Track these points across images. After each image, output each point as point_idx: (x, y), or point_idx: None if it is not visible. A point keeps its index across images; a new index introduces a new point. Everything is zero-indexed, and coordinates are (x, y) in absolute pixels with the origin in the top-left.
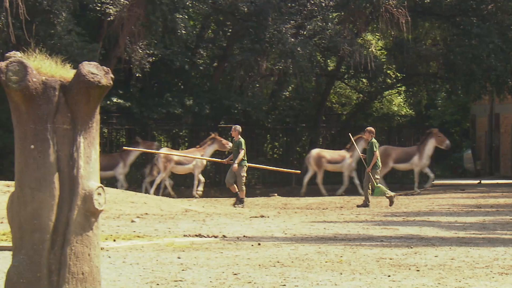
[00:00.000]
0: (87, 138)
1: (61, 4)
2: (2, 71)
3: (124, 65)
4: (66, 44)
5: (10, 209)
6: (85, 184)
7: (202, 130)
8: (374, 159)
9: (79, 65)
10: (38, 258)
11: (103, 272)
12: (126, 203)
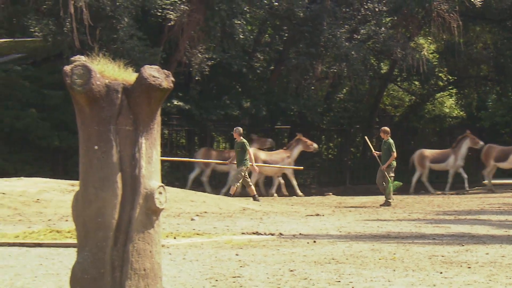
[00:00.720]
0: (148, 139)
1: (124, 9)
2: (67, 74)
3: (184, 68)
4: (128, 49)
5: (75, 207)
6: (147, 184)
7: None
8: (391, 159)
9: (141, 68)
10: (101, 255)
11: (164, 269)
12: (186, 202)
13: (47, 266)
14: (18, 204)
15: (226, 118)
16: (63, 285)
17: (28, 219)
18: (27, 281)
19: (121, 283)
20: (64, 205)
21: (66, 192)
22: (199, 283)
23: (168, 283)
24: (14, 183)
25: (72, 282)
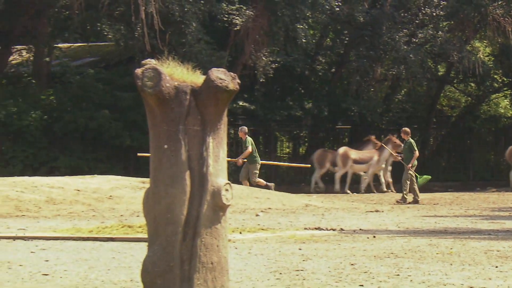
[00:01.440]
0: (215, 139)
1: (192, 15)
2: (138, 77)
3: (249, 71)
4: (196, 52)
5: (146, 204)
6: (214, 181)
7: (320, 131)
8: (414, 158)
9: (208, 71)
10: (171, 249)
11: (231, 262)
12: (251, 198)
13: (120, 260)
14: (92, 201)
15: (289, 118)
16: (135, 278)
17: (101, 214)
18: (100, 274)
19: (189, 276)
20: (135, 201)
21: (137, 189)
22: (264, 276)
23: (234, 276)
24: (88, 180)
25: (143, 275)
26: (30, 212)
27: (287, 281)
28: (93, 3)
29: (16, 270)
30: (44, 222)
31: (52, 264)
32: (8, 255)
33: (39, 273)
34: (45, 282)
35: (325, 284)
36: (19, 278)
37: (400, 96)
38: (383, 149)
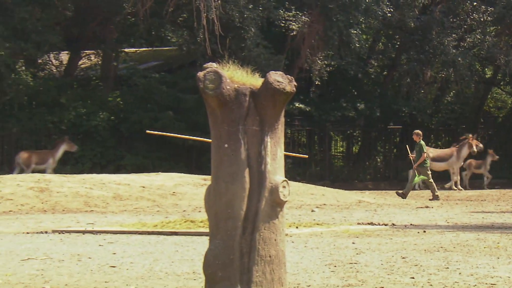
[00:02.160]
0: (273, 138)
1: (251, 21)
2: (200, 80)
3: (305, 74)
4: (255, 56)
5: (207, 200)
6: (272, 178)
7: (372, 131)
8: (421, 159)
9: (267, 74)
10: (231, 242)
11: (288, 255)
12: (306, 195)
13: (183, 253)
14: (156, 197)
15: (343, 119)
16: (197, 270)
17: (165, 210)
18: (164, 266)
19: (249, 268)
20: (197, 197)
21: (199, 186)
22: (319, 268)
23: (291, 269)
24: (153, 178)
25: (205, 267)
26: (98, 207)
27: (341, 274)
28: (157, 11)
29: (86, 262)
30: (111, 217)
31: (119, 257)
32: (78, 248)
33: (107, 265)
34: (113, 274)
35: (377, 276)
36: (88, 270)
37: (449, 97)
38: (462, 148)
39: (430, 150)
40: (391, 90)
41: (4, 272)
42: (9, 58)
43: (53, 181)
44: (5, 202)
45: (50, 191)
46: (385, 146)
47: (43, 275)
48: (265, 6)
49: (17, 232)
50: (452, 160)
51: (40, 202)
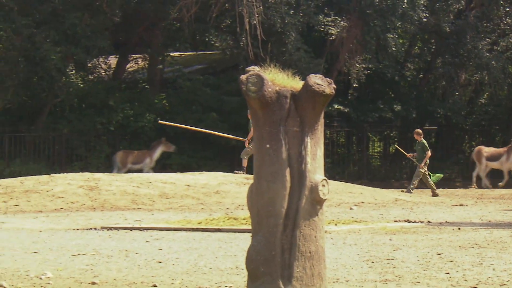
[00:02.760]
0: (313, 139)
1: (291, 26)
2: (243, 82)
3: (344, 77)
4: (296, 60)
5: (250, 198)
6: (312, 177)
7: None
8: (427, 157)
9: (307, 77)
10: (272, 239)
11: (327, 251)
12: (345, 193)
13: (226, 249)
14: (200, 195)
15: (380, 120)
16: (240, 265)
17: (209, 207)
18: (209, 261)
19: (289, 263)
20: (240, 195)
21: (242, 185)
22: (357, 264)
23: (330, 264)
24: (198, 176)
25: (248, 262)
26: (145, 205)
27: (378, 269)
28: (202, 16)
29: (133, 258)
30: (157, 214)
31: (165, 253)
32: (125, 244)
33: (153, 261)
34: (159, 269)
35: (414, 272)
36: (135, 265)
37: (482, 99)
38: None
39: (485, 150)
40: (426, 92)
41: (56, 267)
42: (60, 62)
43: (102, 180)
44: (56, 200)
45: (99, 190)
46: None
47: (92, 270)
48: (306, 11)
49: (68, 229)
50: (502, 159)
51: (90, 200)
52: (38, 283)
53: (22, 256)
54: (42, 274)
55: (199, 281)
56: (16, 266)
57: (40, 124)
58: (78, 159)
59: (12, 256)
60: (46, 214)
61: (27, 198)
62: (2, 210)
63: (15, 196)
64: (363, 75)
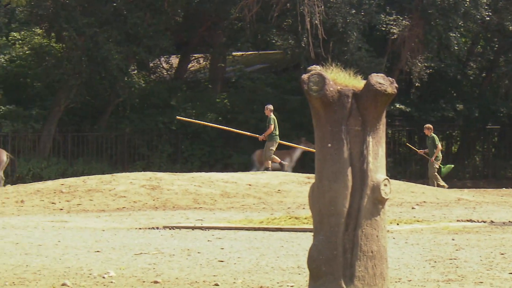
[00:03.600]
0: (375, 138)
1: (353, 25)
2: (304, 82)
3: (405, 76)
4: (357, 59)
5: (311, 197)
6: (373, 177)
7: (471, 131)
8: (437, 151)
9: (369, 76)
10: (334, 238)
11: (389, 251)
12: (407, 193)
13: (287, 248)
14: (262, 194)
15: (442, 119)
16: (301, 264)
17: (270, 207)
18: (270, 260)
19: (351, 263)
20: (301, 195)
21: (303, 184)
22: (419, 264)
23: (392, 264)
24: (259, 176)
25: (309, 262)
26: (207, 204)
27: (441, 269)
28: (263, 16)
29: (195, 257)
30: (219, 214)
31: (227, 252)
32: (187, 243)
33: (215, 260)
34: (221, 268)
35: (477, 272)
36: (197, 264)
37: None
38: None
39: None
40: (489, 91)
41: (119, 266)
42: (122, 61)
43: (164, 179)
44: (118, 199)
45: (161, 189)
46: (483, 146)
47: (154, 269)
48: (367, 11)
49: (130, 228)
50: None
51: (152, 199)
52: (101, 282)
53: (85, 255)
54: (105, 273)
55: (261, 280)
56: (79, 265)
57: (102, 123)
58: (140, 158)
59: (75, 255)
60: (109, 213)
61: (90, 198)
62: (65, 210)
63: (78, 195)
64: (425, 74)
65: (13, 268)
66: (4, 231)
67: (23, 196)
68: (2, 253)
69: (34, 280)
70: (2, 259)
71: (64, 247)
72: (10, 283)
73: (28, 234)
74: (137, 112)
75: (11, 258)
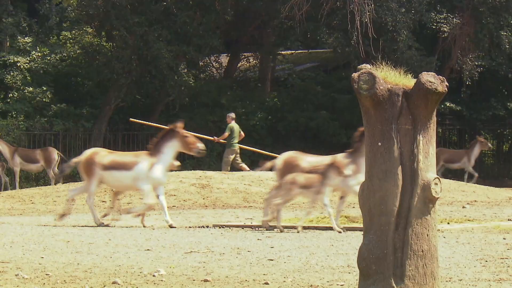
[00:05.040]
0: (425, 137)
1: (403, 24)
2: (355, 80)
3: (456, 74)
4: (407, 58)
5: (361, 196)
6: (424, 176)
7: None
8: None
9: (419, 75)
10: (384, 237)
11: (439, 250)
12: (457, 192)
13: (337, 247)
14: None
15: (493, 118)
16: (351, 263)
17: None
18: (320, 259)
19: (402, 262)
20: None
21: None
22: (470, 263)
23: (443, 263)
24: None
25: (359, 261)
26: (256, 203)
27: (492, 268)
28: (313, 14)
29: (245, 255)
30: None
31: (277, 250)
32: (237, 242)
33: (265, 259)
34: (271, 267)
35: None
36: (247, 263)
37: None
38: None
39: None
40: None
41: (169, 264)
42: (172, 60)
43: (213, 178)
44: (168, 198)
45: (211, 188)
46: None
47: (204, 267)
48: (417, 9)
49: (180, 226)
50: None
51: (202, 198)
52: (151, 280)
53: (136, 253)
54: (155, 271)
55: (311, 279)
56: (130, 263)
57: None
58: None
59: (126, 253)
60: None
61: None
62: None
63: (128, 194)
64: (475, 73)
65: (64, 266)
66: (56, 229)
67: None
68: (53, 251)
69: (85, 278)
70: (53, 257)
71: (114, 245)
72: (62, 281)
73: (79, 233)
74: (187, 111)
75: (62, 256)
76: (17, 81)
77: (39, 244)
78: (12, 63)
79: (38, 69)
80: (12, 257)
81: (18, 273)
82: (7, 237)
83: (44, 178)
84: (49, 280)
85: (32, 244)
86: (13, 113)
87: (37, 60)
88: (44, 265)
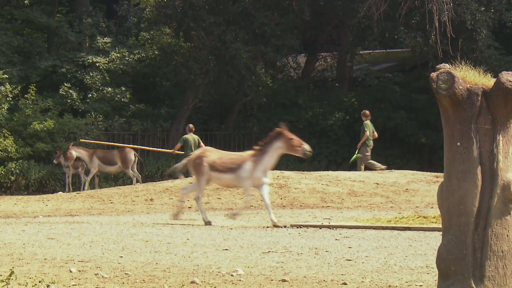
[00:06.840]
0: (505, 137)
1: (482, 23)
2: (433, 80)
3: None
4: (486, 57)
5: (440, 196)
6: (504, 176)
7: None
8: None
9: (499, 74)
10: (463, 238)
11: None
12: None
13: (416, 247)
14: (389, 193)
15: None
16: (430, 264)
17: (398, 206)
18: (398, 260)
19: (481, 263)
20: (429, 194)
21: (431, 183)
22: None
23: None
24: (387, 175)
25: (438, 261)
26: (334, 203)
27: None
28: (391, 14)
29: (323, 255)
30: (346, 213)
31: (355, 251)
32: (315, 242)
33: (343, 259)
34: (349, 267)
35: None
36: (325, 263)
37: None
38: None
39: None
40: None
41: (247, 264)
42: (249, 61)
43: (291, 178)
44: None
45: (289, 187)
46: None
47: (282, 267)
48: (497, 8)
49: (258, 226)
50: None
51: (279, 198)
52: (229, 280)
53: (214, 253)
54: (233, 271)
55: (389, 280)
56: (208, 263)
57: (230, 122)
58: None
59: (204, 253)
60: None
61: (218, 196)
62: (193, 208)
63: (206, 193)
64: None
65: (143, 265)
66: (134, 229)
67: (152, 195)
68: (132, 251)
69: (164, 278)
70: (132, 256)
71: (192, 245)
72: (141, 280)
73: (157, 232)
74: (264, 111)
75: (141, 256)
76: (96, 82)
77: (118, 243)
78: (91, 63)
79: (117, 70)
80: (91, 257)
81: (97, 273)
82: (87, 237)
83: (122, 178)
84: (128, 280)
85: (111, 244)
86: (92, 113)
87: (116, 60)
88: (123, 264)
